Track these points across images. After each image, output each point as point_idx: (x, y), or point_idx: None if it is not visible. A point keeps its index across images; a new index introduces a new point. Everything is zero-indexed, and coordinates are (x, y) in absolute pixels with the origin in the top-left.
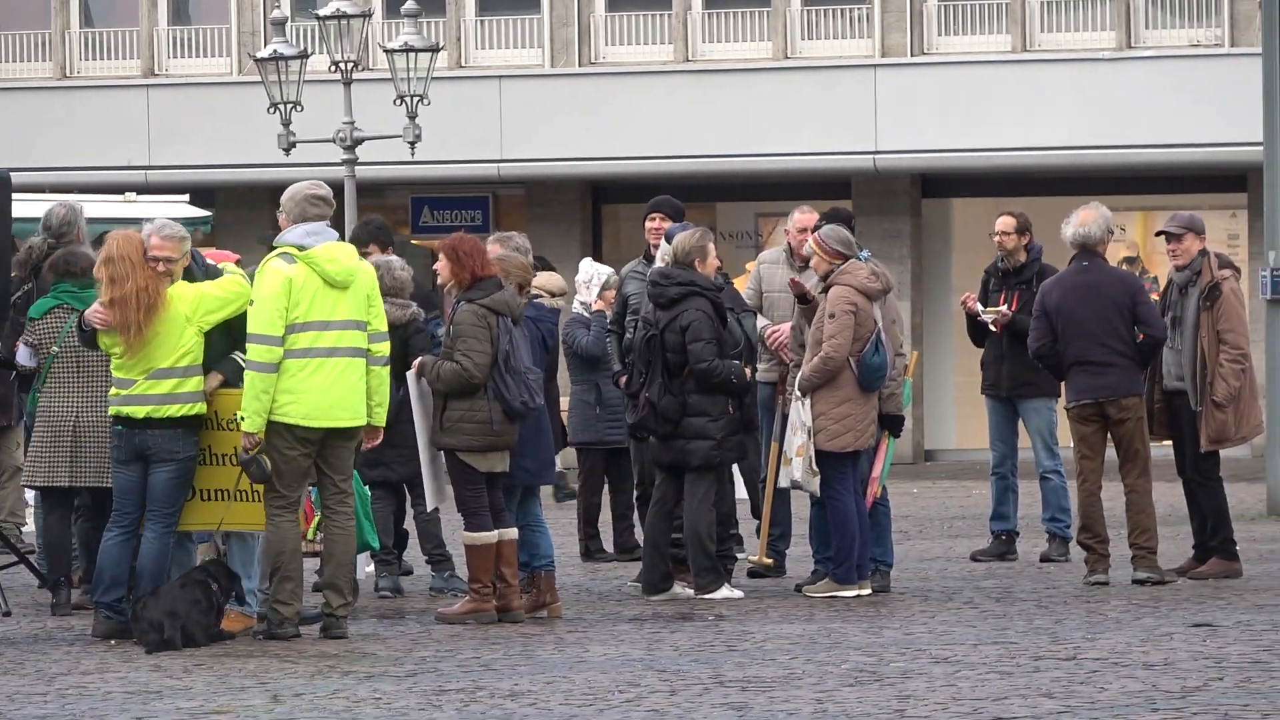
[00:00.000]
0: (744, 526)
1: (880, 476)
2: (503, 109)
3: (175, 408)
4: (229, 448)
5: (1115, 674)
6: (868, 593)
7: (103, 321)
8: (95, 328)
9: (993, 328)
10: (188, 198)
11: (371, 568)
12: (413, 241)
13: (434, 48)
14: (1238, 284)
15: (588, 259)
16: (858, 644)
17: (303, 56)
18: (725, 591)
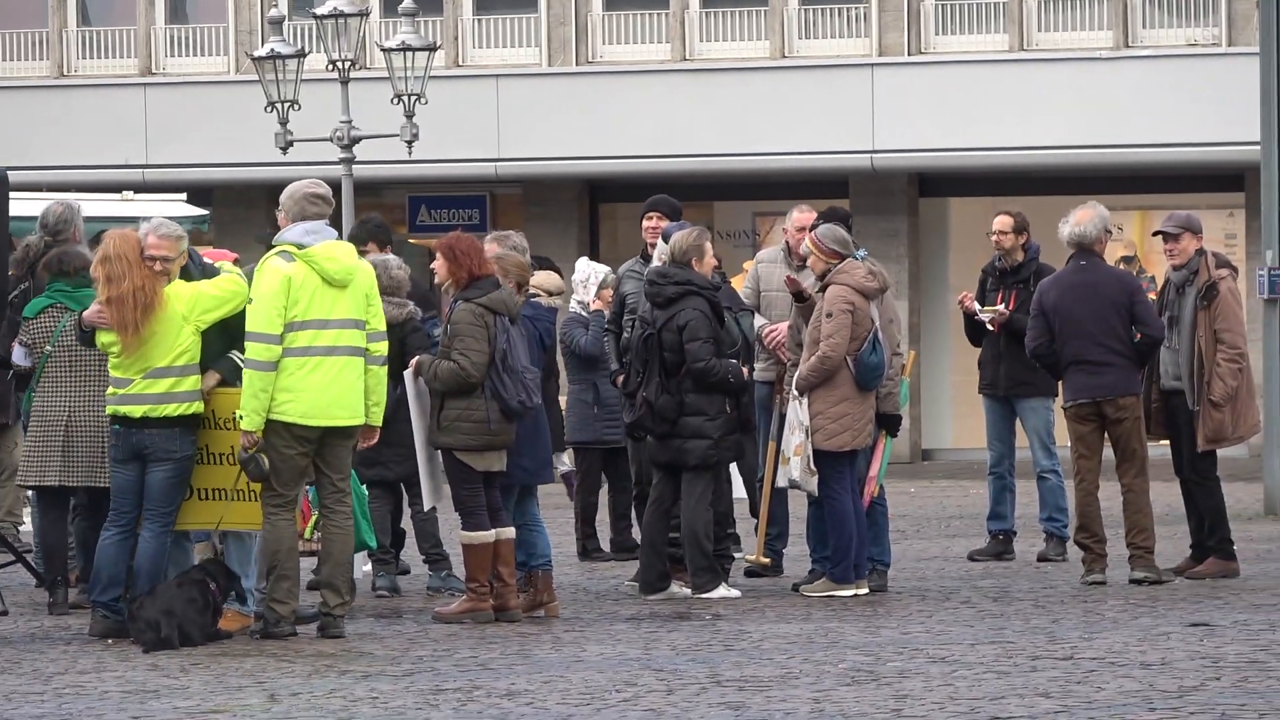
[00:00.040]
0: (741, 526)
1: (877, 476)
2: (500, 108)
3: (172, 407)
4: (226, 447)
5: (1112, 673)
6: (865, 592)
7: (103, 321)
8: (96, 327)
9: (990, 327)
10: (185, 196)
11: (369, 567)
12: (410, 240)
13: (431, 47)
14: (1235, 283)
15: (585, 258)
16: (855, 643)
17: (300, 55)
18: (722, 591)
